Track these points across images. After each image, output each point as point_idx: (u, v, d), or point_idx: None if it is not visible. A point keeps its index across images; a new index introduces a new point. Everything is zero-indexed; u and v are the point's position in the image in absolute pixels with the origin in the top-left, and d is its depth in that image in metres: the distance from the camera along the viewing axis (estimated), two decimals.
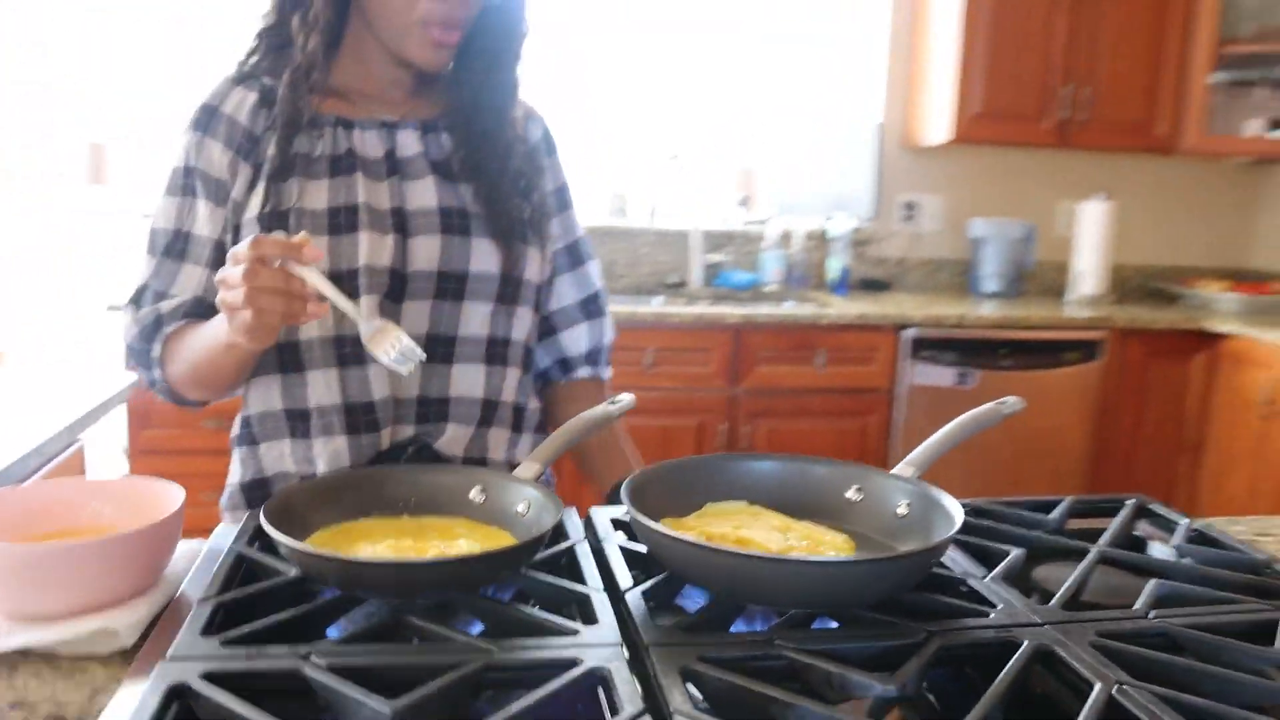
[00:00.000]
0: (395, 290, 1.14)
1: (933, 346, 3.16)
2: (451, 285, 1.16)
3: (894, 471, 0.98)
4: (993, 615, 0.80)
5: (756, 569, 0.75)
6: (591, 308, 1.33)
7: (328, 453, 1.14)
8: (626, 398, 1.04)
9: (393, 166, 1.17)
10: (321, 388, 1.14)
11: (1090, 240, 3.59)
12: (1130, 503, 1.09)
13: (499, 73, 1.21)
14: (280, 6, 1.16)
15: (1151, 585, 0.86)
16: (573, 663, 0.68)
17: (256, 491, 1.19)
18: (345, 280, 1.10)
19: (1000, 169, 3.80)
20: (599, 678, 0.67)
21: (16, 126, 3.27)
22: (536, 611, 0.77)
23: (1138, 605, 0.83)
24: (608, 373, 1.37)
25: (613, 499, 1.15)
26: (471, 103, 1.21)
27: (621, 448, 1.30)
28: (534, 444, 1.26)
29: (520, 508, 0.90)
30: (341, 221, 1.12)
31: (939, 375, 3.18)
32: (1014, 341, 3.20)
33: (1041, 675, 0.73)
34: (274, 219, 1.11)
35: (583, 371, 1.34)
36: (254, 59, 1.19)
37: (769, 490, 0.98)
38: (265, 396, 1.17)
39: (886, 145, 3.66)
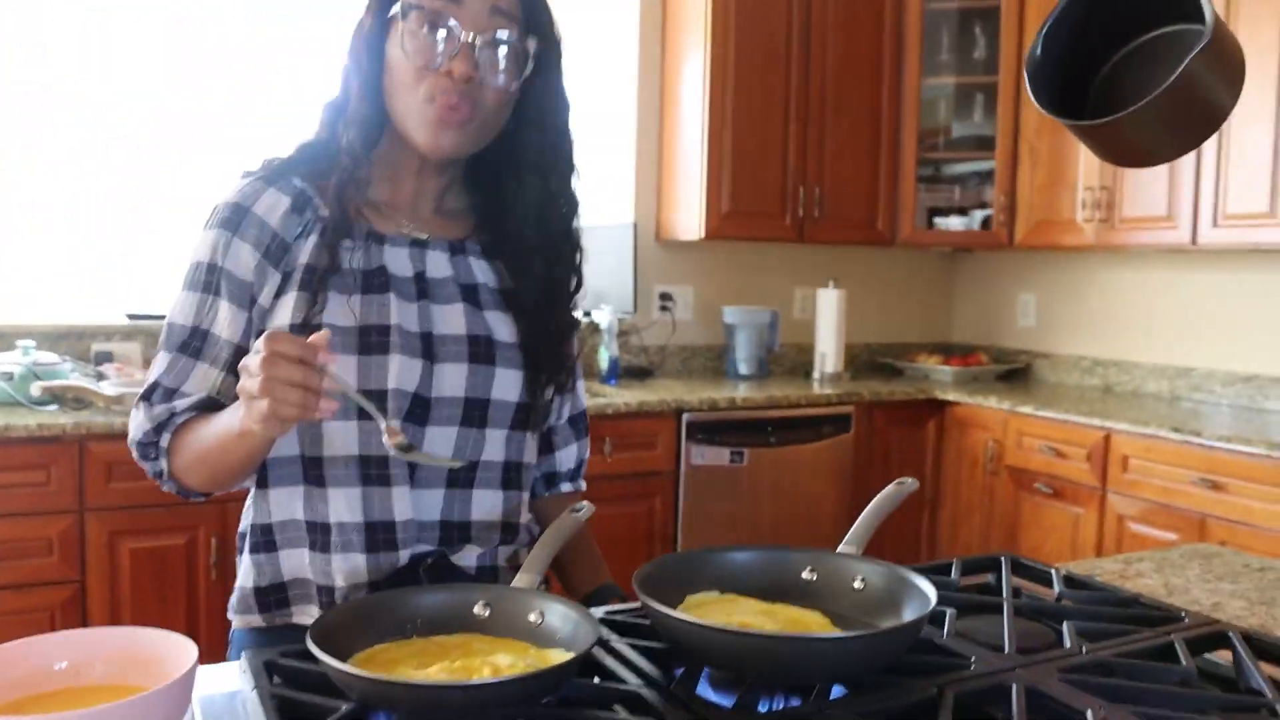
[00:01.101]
0: (419, 414, 1.14)
1: (707, 429, 3.37)
2: (476, 412, 1.18)
3: (840, 551, 1.10)
4: (973, 666, 0.93)
5: (800, 649, 0.85)
6: (580, 425, 1.37)
7: (346, 569, 1.14)
8: (588, 505, 1.10)
9: (423, 289, 1.18)
10: (343, 505, 1.13)
11: (828, 323, 3.97)
12: (1004, 559, 1.27)
13: (539, 177, 1.20)
14: (330, 122, 1.16)
15: (1069, 626, 1.03)
16: None
17: (272, 596, 1.17)
18: (373, 400, 1.09)
19: (746, 261, 4.14)
20: None
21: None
22: (593, 712, 0.82)
23: (1069, 644, 1.00)
24: (584, 485, 1.41)
25: (592, 601, 1.19)
26: (510, 213, 1.21)
27: (596, 553, 1.34)
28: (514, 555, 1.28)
29: (532, 617, 0.94)
30: (373, 341, 1.12)
31: (715, 455, 3.39)
32: (777, 419, 3.48)
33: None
34: (304, 331, 1.08)
35: (565, 486, 1.37)
36: (288, 163, 1.17)
37: (737, 579, 1.07)
38: (288, 505, 1.15)
39: (641, 241, 3.89)
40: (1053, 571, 1.23)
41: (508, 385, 1.19)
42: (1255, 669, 0.95)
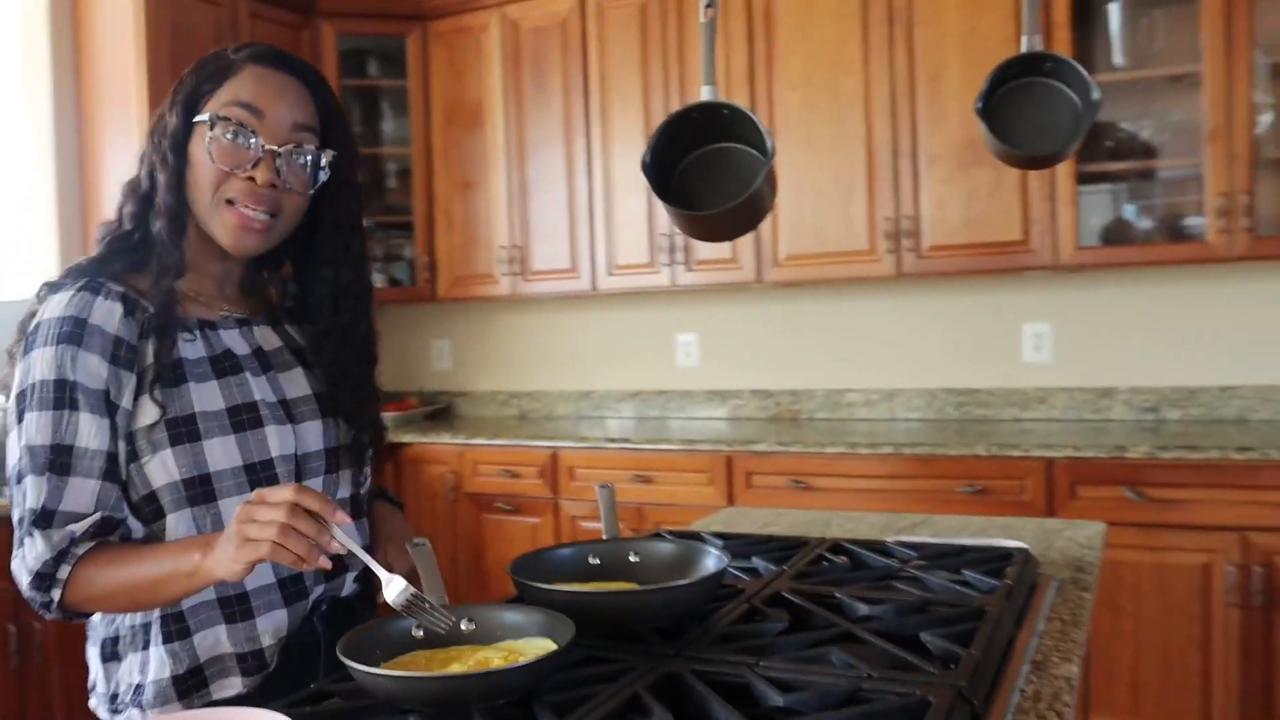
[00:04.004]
0: (297, 471, 1.24)
1: None
2: (333, 459, 1.34)
3: (605, 539, 1.45)
4: (745, 590, 1.35)
5: (668, 597, 1.19)
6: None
7: (271, 627, 1.24)
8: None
9: (264, 361, 1.31)
10: (257, 571, 1.17)
11: None
12: (663, 532, 1.71)
13: (331, 271, 1.35)
14: (135, 214, 1.24)
15: (758, 560, 1.51)
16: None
17: (190, 680, 1.22)
18: (260, 470, 1.20)
19: None
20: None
21: None
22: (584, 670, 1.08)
23: (768, 569, 1.47)
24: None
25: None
26: (318, 297, 1.35)
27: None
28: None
29: (465, 625, 1.14)
30: (244, 419, 1.23)
31: None
32: None
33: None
34: (177, 424, 1.19)
35: None
36: (99, 265, 1.23)
37: (551, 572, 1.35)
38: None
39: None
40: (701, 533, 1.71)
41: (348, 429, 1.36)
42: (873, 555, 1.52)
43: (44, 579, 1.15)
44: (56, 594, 1.15)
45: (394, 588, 1.08)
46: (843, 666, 1.06)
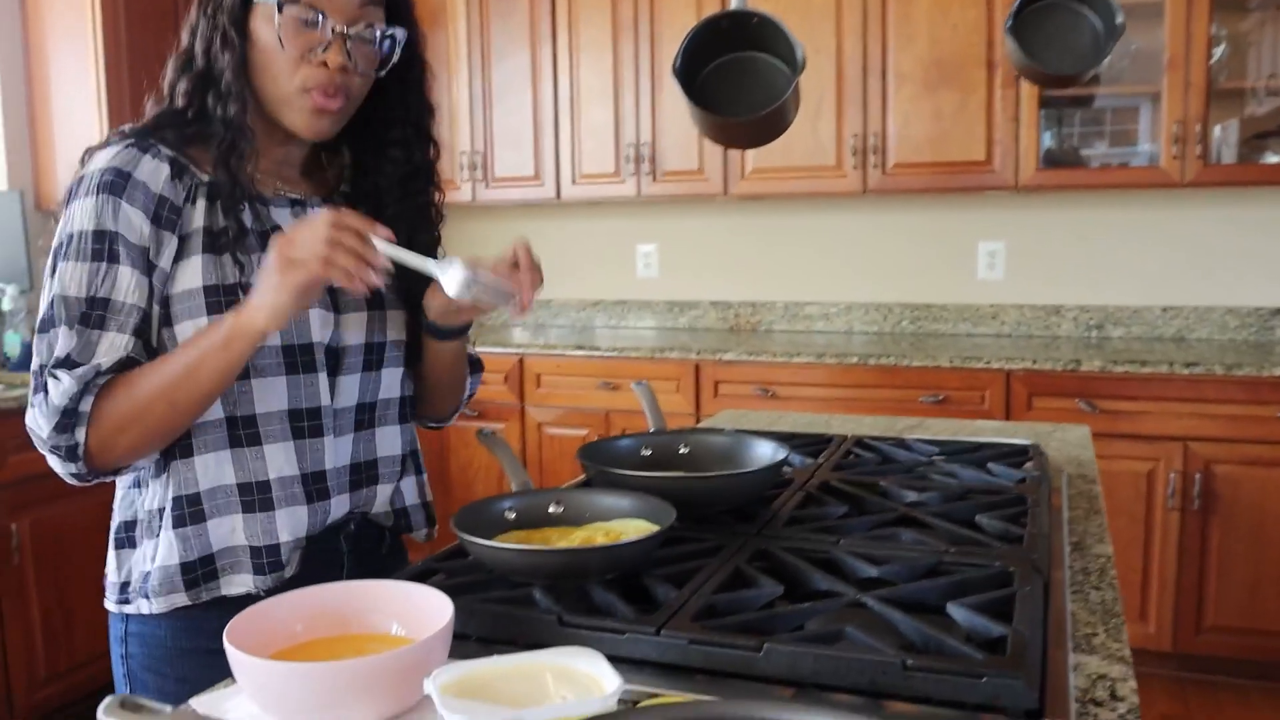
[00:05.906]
0: (332, 364, 1.23)
1: None
2: (375, 356, 1.27)
3: (653, 432, 1.52)
4: (793, 479, 1.44)
5: (715, 485, 1.27)
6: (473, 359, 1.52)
7: (291, 523, 1.19)
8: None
9: None
10: (281, 460, 1.18)
11: None
12: (684, 430, 1.78)
13: (403, 152, 1.28)
14: (190, 92, 1.16)
15: (792, 455, 1.60)
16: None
17: (199, 570, 1.17)
18: (299, 354, 1.18)
19: None
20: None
21: None
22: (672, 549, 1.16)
23: (804, 462, 1.56)
24: None
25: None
26: (375, 182, 1.28)
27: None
28: (420, 484, 1.38)
29: (552, 509, 1.21)
30: None
31: None
32: None
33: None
34: (216, 291, 1.13)
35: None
36: (149, 130, 1.15)
37: (606, 459, 1.42)
38: (215, 473, 1.17)
39: (28, 210, 3.52)
40: (723, 429, 1.79)
41: (397, 325, 1.30)
42: (899, 450, 1.62)
43: (69, 415, 1.07)
44: (81, 434, 1.08)
45: (452, 276, 1.12)
46: (914, 544, 1.15)
